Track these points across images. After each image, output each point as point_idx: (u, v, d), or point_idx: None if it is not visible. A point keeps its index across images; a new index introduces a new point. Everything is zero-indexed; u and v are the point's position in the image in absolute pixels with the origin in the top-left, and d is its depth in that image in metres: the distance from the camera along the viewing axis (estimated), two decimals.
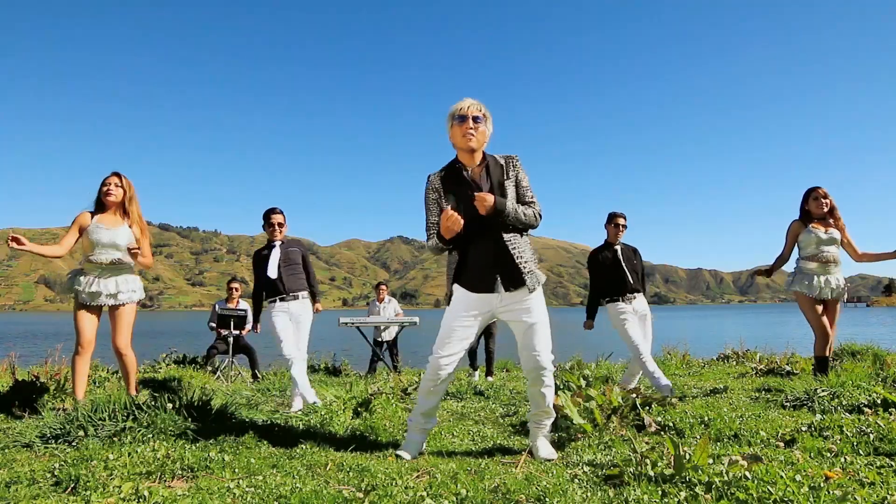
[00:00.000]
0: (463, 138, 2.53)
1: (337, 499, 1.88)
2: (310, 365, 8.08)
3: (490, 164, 2.62)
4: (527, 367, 2.56)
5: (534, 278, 2.55)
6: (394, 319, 7.90)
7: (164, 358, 7.80)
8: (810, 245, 4.28)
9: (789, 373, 5.26)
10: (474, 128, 2.53)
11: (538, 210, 2.64)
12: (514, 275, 2.52)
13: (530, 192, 2.67)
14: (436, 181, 2.64)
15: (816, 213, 4.31)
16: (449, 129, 2.60)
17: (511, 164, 2.65)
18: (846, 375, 3.97)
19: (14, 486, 2.00)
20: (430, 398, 2.67)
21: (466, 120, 2.52)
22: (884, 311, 64.13)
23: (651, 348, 4.42)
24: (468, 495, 1.89)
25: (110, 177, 3.73)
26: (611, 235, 4.53)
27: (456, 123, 2.55)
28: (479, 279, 2.54)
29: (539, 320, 2.53)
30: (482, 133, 2.57)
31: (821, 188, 4.30)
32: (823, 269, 4.24)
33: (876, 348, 7.00)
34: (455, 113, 2.56)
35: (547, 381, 2.55)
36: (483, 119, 2.57)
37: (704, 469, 1.93)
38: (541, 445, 2.63)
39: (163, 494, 1.89)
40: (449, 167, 2.66)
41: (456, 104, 2.59)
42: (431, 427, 2.74)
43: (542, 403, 2.61)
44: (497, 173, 2.60)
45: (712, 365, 7.30)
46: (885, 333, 20.34)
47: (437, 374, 2.58)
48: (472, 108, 2.54)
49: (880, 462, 2.12)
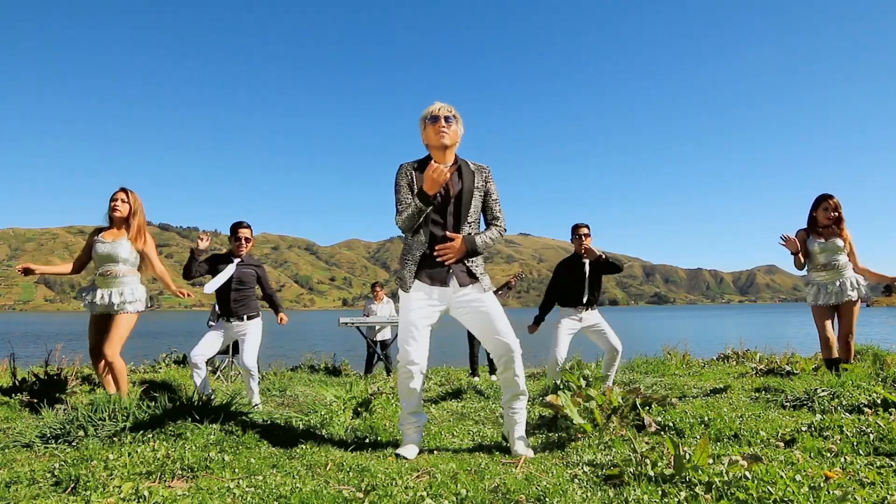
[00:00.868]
0: (436, 136, 2.65)
1: (337, 499, 1.88)
2: (310, 365, 8.08)
3: (462, 168, 2.72)
4: (496, 353, 2.65)
5: (485, 279, 2.69)
6: (393, 319, 7.90)
7: (164, 358, 7.80)
8: (819, 255, 4.31)
9: (789, 373, 5.26)
10: (446, 126, 2.65)
11: (503, 227, 2.79)
12: (466, 273, 2.66)
13: (498, 205, 2.81)
14: (409, 169, 2.73)
15: (822, 222, 4.31)
16: (422, 131, 2.72)
17: (482, 174, 2.76)
18: (846, 375, 3.97)
19: (14, 486, 2.00)
20: (411, 397, 2.69)
21: (439, 120, 2.65)
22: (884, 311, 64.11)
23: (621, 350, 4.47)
24: (468, 495, 1.89)
25: (118, 192, 3.89)
26: (577, 247, 4.51)
27: (429, 123, 2.67)
28: (435, 272, 2.65)
29: (493, 308, 2.64)
30: (454, 132, 2.69)
31: (833, 198, 4.29)
32: (834, 275, 4.26)
33: (876, 348, 7.00)
34: (427, 115, 2.68)
35: (517, 360, 2.64)
36: (454, 119, 2.69)
37: (704, 469, 1.93)
38: (517, 439, 2.65)
39: (163, 494, 1.89)
40: (422, 162, 2.76)
41: (427, 108, 2.72)
42: (423, 422, 2.76)
43: (516, 387, 2.67)
44: (469, 178, 2.70)
45: (712, 365, 7.30)
46: (885, 333, 20.34)
47: (408, 370, 2.63)
48: (442, 109, 2.67)
49: (880, 462, 2.12)
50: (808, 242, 4.35)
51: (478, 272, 2.66)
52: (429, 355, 2.69)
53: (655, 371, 6.77)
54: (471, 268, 2.66)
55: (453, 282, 2.64)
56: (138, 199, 3.91)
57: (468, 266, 2.66)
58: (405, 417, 2.72)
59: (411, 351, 2.62)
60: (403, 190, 2.70)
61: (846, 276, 4.26)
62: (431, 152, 2.74)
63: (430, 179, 2.50)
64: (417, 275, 2.67)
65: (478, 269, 2.67)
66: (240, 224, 4.39)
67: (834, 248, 4.26)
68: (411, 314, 2.64)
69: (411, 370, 2.63)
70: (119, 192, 3.88)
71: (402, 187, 2.70)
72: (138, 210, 3.88)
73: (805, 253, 4.41)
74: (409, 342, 2.63)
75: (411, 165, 2.74)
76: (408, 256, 2.69)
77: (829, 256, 4.27)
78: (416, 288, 2.67)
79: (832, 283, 4.26)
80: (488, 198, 2.77)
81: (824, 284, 4.29)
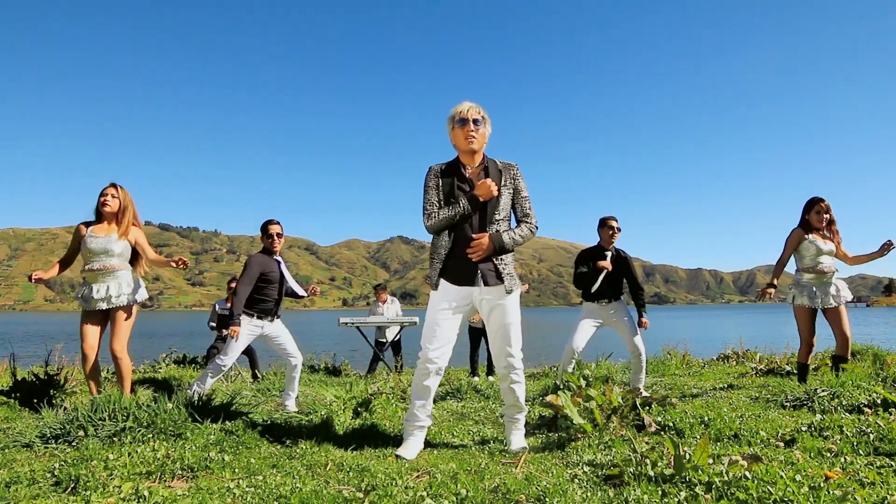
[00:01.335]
0: (465, 141, 2.64)
1: (337, 499, 1.88)
2: (310, 365, 8.08)
3: (490, 168, 2.72)
4: (499, 364, 2.74)
5: (512, 280, 2.68)
6: (393, 319, 7.89)
7: (164, 358, 7.80)
8: (809, 255, 4.29)
9: (789, 373, 5.26)
10: (475, 130, 2.63)
11: (533, 225, 2.76)
12: (493, 273, 2.66)
13: (528, 203, 2.79)
14: (438, 171, 2.74)
15: (816, 225, 4.32)
16: (450, 132, 2.70)
17: (510, 172, 2.75)
18: (846, 375, 3.97)
19: (14, 486, 2.00)
20: (423, 394, 2.71)
21: (468, 123, 2.63)
22: (884, 311, 64.10)
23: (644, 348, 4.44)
24: (468, 495, 1.89)
25: (108, 188, 3.85)
26: (604, 240, 4.51)
27: (457, 126, 2.65)
28: (461, 272, 2.65)
29: (513, 322, 2.68)
30: (482, 135, 2.68)
31: (824, 201, 4.29)
32: (820, 279, 4.25)
33: (876, 348, 7.00)
34: (456, 116, 2.66)
35: (516, 378, 2.73)
36: (482, 121, 2.67)
37: (704, 469, 1.93)
38: (514, 439, 2.75)
39: (163, 494, 1.89)
40: (450, 164, 2.75)
41: (456, 107, 2.68)
42: (428, 424, 2.77)
43: (513, 398, 2.77)
44: (495, 178, 2.69)
45: (712, 365, 7.31)
46: (885, 333, 20.34)
47: (426, 367, 2.65)
48: (472, 110, 2.64)
49: (880, 462, 2.12)
50: (806, 242, 4.33)
51: (505, 272, 2.66)
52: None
53: (655, 371, 6.78)
54: (499, 267, 2.66)
55: (480, 281, 2.65)
56: (128, 195, 3.88)
57: (496, 265, 2.66)
58: (412, 415, 2.73)
59: (431, 349, 2.64)
60: (431, 192, 2.70)
61: (832, 280, 4.25)
62: (459, 154, 2.74)
63: (485, 193, 2.58)
64: (444, 274, 2.68)
65: (506, 268, 2.67)
66: (270, 221, 4.30)
67: (827, 251, 4.26)
68: (435, 313, 2.66)
69: (428, 368, 2.64)
70: (109, 188, 3.84)
71: (430, 189, 2.70)
72: (128, 205, 3.86)
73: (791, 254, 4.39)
74: (430, 340, 2.65)
75: (440, 167, 2.75)
76: (435, 256, 2.71)
77: (820, 259, 4.26)
78: (442, 287, 2.68)
79: (817, 286, 4.25)
80: (517, 196, 2.76)
81: (809, 286, 4.28)
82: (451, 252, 2.66)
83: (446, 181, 2.69)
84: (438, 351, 2.64)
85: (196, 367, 7.50)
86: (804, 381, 4.31)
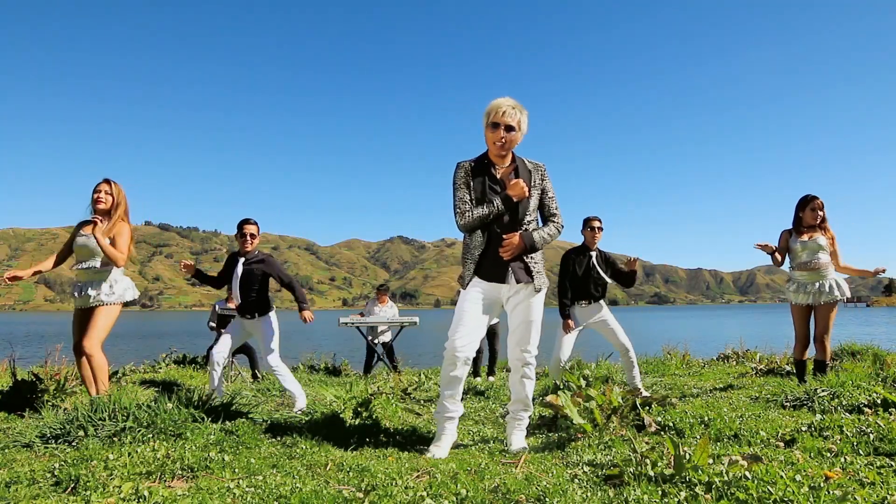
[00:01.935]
0: (493, 146, 2.66)
1: (337, 499, 1.88)
2: (310, 365, 8.08)
3: (519, 168, 2.72)
4: (513, 358, 2.77)
5: (541, 279, 2.71)
6: (394, 319, 7.89)
7: (164, 358, 7.80)
8: (801, 254, 4.32)
9: (789, 373, 5.26)
10: (506, 137, 2.61)
11: (559, 224, 2.79)
12: (524, 270, 2.68)
13: (555, 202, 2.81)
14: (468, 168, 2.72)
15: (810, 222, 4.33)
16: (484, 127, 2.68)
17: (539, 172, 2.77)
18: (846, 375, 3.97)
19: (14, 486, 2.00)
20: (452, 384, 2.71)
21: (499, 128, 2.60)
22: (884, 311, 64.11)
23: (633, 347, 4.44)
24: (468, 495, 1.89)
25: (101, 184, 3.79)
26: (588, 240, 4.52)
27: (489, 128, 2.64)
28: (493, 269, 2.67)
29: (535, 320, 2.71)
30: (513, 142, 2.66)
31: (818, 199, 4.31)
32: (814, 276, 4.27)
33: (876, 348, 7.00)
34: (491, 115, 2.63)
35: (529, 372, 2.76)
36: (517, 129, 2.64)
37: (704, 469, 1.93)
38: (514, 439, 2.77)
39: (163, 494, 1.89)
40: (479, 161, 2.74)
41: (493, 104, 2.64)
42: (459, 414, 2.78)
43: (521, 392, 2.79)
44: (525, 177, 2.70)
45: (712, 365, 7.30)
46: (885, 333, 20.34)
47: (454, 357, 2.64)
48: (507, 115, 2.60)
49: (880, 462, 2.12)
50: (791, 241, 4.36)
51: (535, 269, 2.69)
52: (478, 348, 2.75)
53: (655, 371, 6.78)
54: (529, 265, 2.69)
55: (511, 278, 2.67)
56: (122, 192, 3.82)
57: (527, 263, 2.69)
58: (441, 405, 2.75)
59: (457, 339, 2.64)
60: (463, 191, 2.69)
61: (827, 276, 4.26)
62: (489, 151, 2.73)
63: (519, 194, 2.59)
64: (477, 272, 2.70)
65: (535, 265, 2.71)
66: (245, 221, 4.33)
67: (816, 246, 4.27)
68: (465, 304, 2.68)
69: (456, 356, 2.63)
70: (102, 184, 3.77)
71: (461, 188, 2.69)
72: (121, 202, 3.79)
73: (785, 251, 4.43)
74: (457, 330, 2.66)
75: (469, 165, 2.73)
76: (468, 256, 2.72)
77: (811, 255, 4.27)
78: (473, 284, 2.71)
79: (811, 283, 4.27)
80: (545, 195, 2.78)
81: (804, 284, 4.30)
82: (486, 252, 2.68)
83: (477, 180, 2.68)
84: (465, 340, 2.63)
85: (196, 367, 7.50)
86: (803, 379, 4.32)
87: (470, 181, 2.68)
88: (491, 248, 2.67)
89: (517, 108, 2.62)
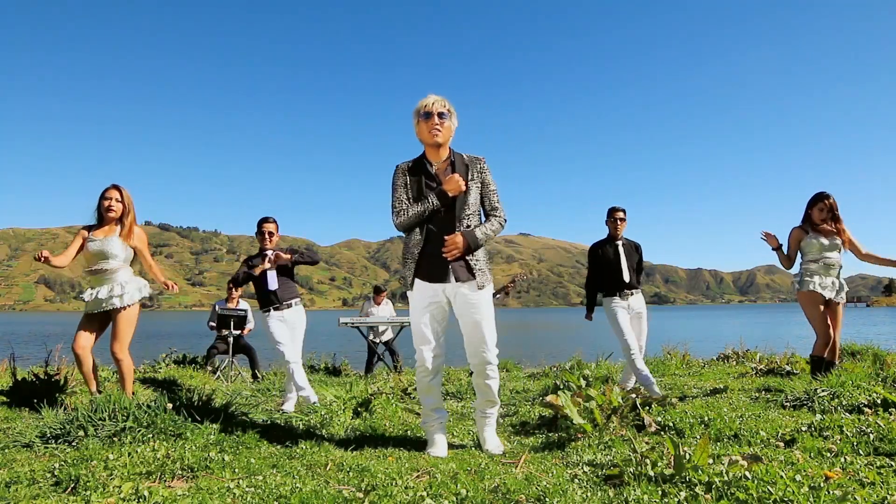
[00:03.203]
0: (429, 134, 2.64)
1: (337, 499, 1.88)
2: (310, 365, 8.08)
3: (456, 162, 2.72)
4: (473, 360, 2.72)
5: (483, 276, 2.66)
6: (393, 319, 7.90)
7: (164, 358, 7.79)
8: (813, 251, 4.29)
9: (789, 373, 5.25)
10: (440, 123, 2.63)
11: (502, 218, 2.77)
12: (465, 268, 2.64)
13: (496, 196, 2.78)
14: (405, 168, 2.74)
15: (816, 220, 4.31)
16: (415, 126, 2.70)
17: (477, 166, 2.74)
18: (846, 375, 3.96)
19: (14, 486, 2.00)
20: (430, 393, 2.73)
21: (432, 116, 2.62)
22: (884, 311, 64.07)
23: (645, 347, 4.43)
24: (468, 495, 1.89)
25: (110, 190, 3.81)
26: (612, 230, 4.54)
27: (422, 120, 2.65)
28: (433, 269, 2.65)
29: (486, 317, 2.65)
30: (447, 129, 2.67)
31: (829, 198, 4.25)
32: (826, 272, 4.26)
33: (876, 348, 6.99)
34: (420, 110, 2.66)
35: (491, 373, 2.71)
36: (448, 115, 2.66)
37: (704, 469, 1.93)
38: (488, 437, 2.76)
39: (163, 494, 1.89)
40: (416, 161, 2.75)
41: (421, 101, 2.68)
42: (445, 419, 2.80)
43: (488, 393, 2.76)
44: (462, 172, 2.69)
45: (712, 365, 7.30)
46: (885, 333, 20.34)
47: (424, 367, 2.68)
48: (436, 104, 2.63)
49: (880, 462, 2.12)
50: (806, 239, 4.32)
51: (476, 267, 2.65)
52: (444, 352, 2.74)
53: (655, 371, 6.76)
54: (470, 262, 2.65)
55: (451, 277, 2.64)
56: (130, 198, 3.87)
57: (468, 261, 2.65)
58: (426, 415, 2.76)
59: (423, 352, 2.67)
60: (400, 190, 2.71)
61: (840, 276, 4.26)
62: (425, 148, 2.74)
63: (454, 189, 2.58)
64: (417, 273, 2.68)
65: (477, 263, 2.66)
66: (265, 219, 4.42)
67: (832, 246, 4.26)
68: (418, 316, 2.68)
69: (427, 369, 2.68)
70: (111, 191, 3.79)
71: (398, 188, 2.71)
72: (131, 209, 3.85)
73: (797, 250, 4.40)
74: (420, 342, 2.69)
75: (406, 165, 2.75)
76: (407, 255, 2.70)
77: (825, 254, 4.26)
78: (417, 287, 2.69)
79: (830, 279, 4.25)
80: (485, 189, 2.75)
81: (820, 275, 4.26)
82: (424, 250, 2.66)
83: (414, 179, 2.69)
84: (431, 352, 2.67)
85: (196, 368, 7.49)
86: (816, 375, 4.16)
87: (407, 180, 2.70)
88: (429, 246, 2.65)
89: (445, 100, 2.67)
